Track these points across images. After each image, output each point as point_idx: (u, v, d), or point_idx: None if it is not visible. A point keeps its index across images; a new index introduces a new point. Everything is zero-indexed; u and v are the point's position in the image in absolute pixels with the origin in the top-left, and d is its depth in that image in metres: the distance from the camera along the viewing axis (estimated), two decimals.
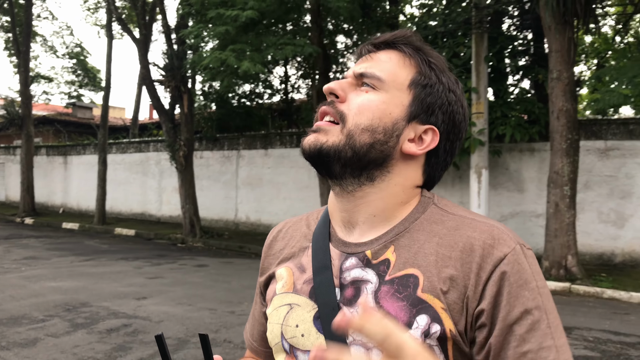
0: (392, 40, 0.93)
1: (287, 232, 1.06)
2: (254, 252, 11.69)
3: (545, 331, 0.78)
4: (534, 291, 0.79)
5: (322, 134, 0.89)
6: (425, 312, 0.80)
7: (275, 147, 14.24)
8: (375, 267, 0.87)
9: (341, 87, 0.91)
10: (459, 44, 10.81)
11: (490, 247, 0.81)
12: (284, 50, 9.68)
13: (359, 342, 0.84)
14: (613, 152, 10.32)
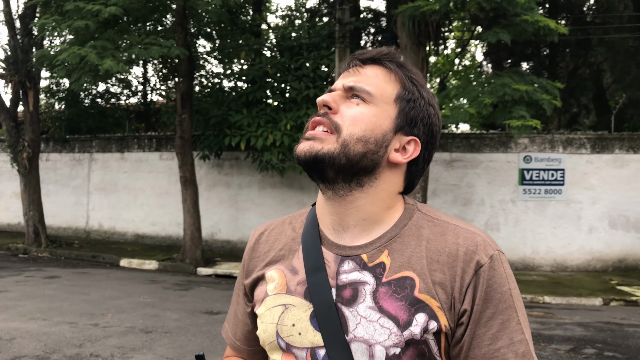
0: (378, 57, 1.01)
1: (270, 234, 1.10)
2: (109, 261, 11.04)
3: (515, 327, 0.91)
4: (506, 293, 0.91)
5: (317, 142, 0.95)
6: (423, 310, 0.90)
7: (133, 150, 13.57)
8: (371, 270, 0.94)
9: (334, 100, 0.97)
10: (323, 57, 11.22)
11: (473, 253, 0.92)
12: (149, 50, 9.29)
13: (360, 339, 0.91)
14: (457, 163, 11.40)
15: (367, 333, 0.90)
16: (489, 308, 0.90)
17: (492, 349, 0.89)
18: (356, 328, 0.91)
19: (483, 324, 0.90)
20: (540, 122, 9.16)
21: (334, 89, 1.00)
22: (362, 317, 0.91)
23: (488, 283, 0.90)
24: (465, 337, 0.91)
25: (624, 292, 8.84)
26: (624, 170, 10.93)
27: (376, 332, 0.90)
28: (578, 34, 13.06)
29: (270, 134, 10.41)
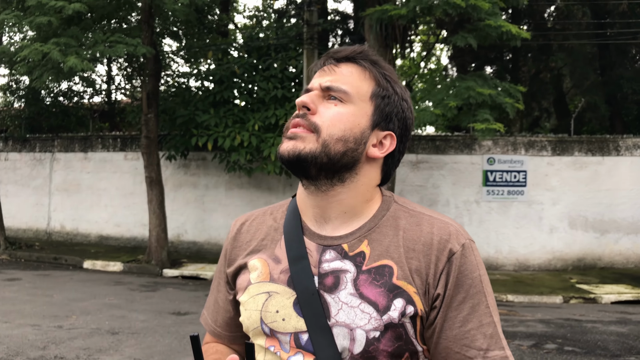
0: (352, 56, 1.04)
1: (251, 224, 1.13)
2: (72, 263, 10.80)
3: (484, 311, 0.97)
4: (477, 279, 0.97)
5: (299, 141, 0.98)
6: (400, 296, 0.95)
7: (97, 150, 13.31)
8: (352, 259, 0.99)
9: (312, 101, 1.01)
10: (291, 58, 11.23)
11: (446, 242, 0.97)
12: (115, 48, 9.14)
13: (342, 324, 0.95)
14: (423, 164, 11.58)
15: (348, 318, 0.95)
16: (460, 293, 0.96)
17: (462, 330, 0.95)
18: (338, 313, 0.95)
19: (454, 308, 0.96)
20: (503, 125, 9.39)
21: (311, 88, 1.03)
22: (344, 303, 0.95)
23: (460, 269, 0.96)
24: (437, 320, 0.96)
25: (583, 290, 9.12)
26: (582, 172, 11.29)
27: (357, 317, 0.94)
28: (539, 40, 13.43)
29: (237, 134, 10.37)
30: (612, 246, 11.26)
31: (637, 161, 11.35)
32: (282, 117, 10.43)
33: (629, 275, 10.42)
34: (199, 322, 6.41)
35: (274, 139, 10.26)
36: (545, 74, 15.71)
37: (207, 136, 10.63)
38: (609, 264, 11.23)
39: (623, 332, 6.58)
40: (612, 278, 10.12)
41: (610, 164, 11.33)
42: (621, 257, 11.27)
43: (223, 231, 12.19)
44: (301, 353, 0.97)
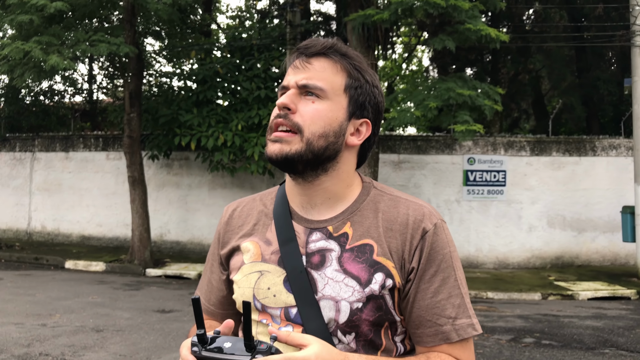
0: (323, 51, 1.10)
1: (242, 210, 1.23)
2: (54, 263, 10.73)
3: (453, 284, 1.08)
4: (447, 255, 1.08)
5: (285, 144, 1.06)
6: (380, 270, 1.05)
7: (78, 150, 13.22)
8: (336, 239, 1.09)
9: (291, 101, 1.07)
10: (274, 58, 11.30)
11: (420, 222, 1.08)
12: (97, 47, 9.12)
13: (328, 297, 1.05)
14: (404, 164, 11.72)
15: (333, 291, 1.05)
16: (432, 267, 1.06)
17: (433, 301, 1.06)
18: (324, 288, 1.05)
19: (427, 280, 1.06)
20: (483, 126, 9.56)
21: (288, 86, 1.10)
22: (329, 279, 1.06)
23: (432, 246, 1.07)
24: (411, 291, 1.07)
25: (560, 287, 9.32)
26: (560, 171, 11.53)
27: (342, 290, 1.04)
28: (518, 42, 13.68)
29: (221, 134, 10.40)
30: (589, 244, 11.51)
31: (612, 161, 11.62)
32: (265, 117, 10.49)
33: (605, 272, 10.67)
34: (184, 320, 6.45)
35: (258, 138, 10.32)
36: (524, 76, 16.00)
37: (190, 136, 10.64)
38: (586, 262, 11.48)
39: (598, 327, 6.77)
40: (589, 275, 10.35)
41: (587, 164, 11.58)
42: (598, 255, 11.52)
43: (206, 231, 12.20)
44: (291, 325, 1.06)
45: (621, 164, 11.56)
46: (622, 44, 11.25)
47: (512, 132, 14.92)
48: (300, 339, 0.89)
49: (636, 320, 7.20)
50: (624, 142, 11.66)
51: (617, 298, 8.83)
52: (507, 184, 11.47)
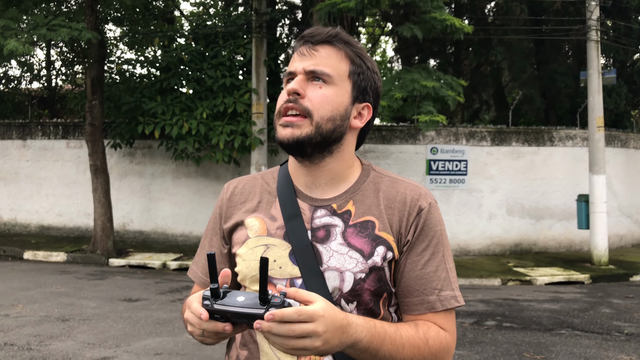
0: (329, 39, 1.17)
1: (244, 187, 1.29)
2: (11, 254, 10.45)
3: (441, 259, 1.17)
4: (438, 232, 1.18)
5: (295, 128, 1.13)
6: (382, 244, 1.14)
7: (36, 138, 12.86)
8: (340, 216, 1.17)
9: (300, 86, 1.14)
10: (239, 46, 11.21)
11: (417, 201, 1.18)
12: (58, 32, 8.88)
13: (333, 268, 1.12)
14: (369, 154, 11.84)
15: (338, 263, 1.12)
16: (423, 241, 1.16)
17: (422, 272, 1.15)
18: (329, 260, 1.12)
19: (418, 253, 1.15)
20: (446, 117, 9.76)
21: (294, 72, 1.16)
22: (334, 251, 1.13)
23: (425, 222, 1.16)
24: (402, 262, 1.16)
25: (519, 273, 9.64)
26: (519, 161, 11.87)
27: (346, 262, 1.12)
28: (480, 34, 13.95)
29: (185, 122, 10.29)
30: (546, 232, 11.91)
31: (569, 151, 12.03)
32: (231, 105, 10.43)
33: (561, 258, 11.07)
34: (152, 308, 6.41)
35: (223, 127, 10.26)
36: (485, 68, 16.33)
37: (154, 124, 10.49)
38: (543, 249, 11.89)
39: (555, 309, 7.05)
40: (546, 261, 10.73)
41: (545, 154, 11.96)
42: (554, 242, 11.94)
43: (170, 220, 12.08)
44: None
45: (577, 154, 11.98)
46: (579, 38, 11.61)
47: (473, 123, 15.24)
48: (307, 296, 0.94)
49: (590, 302, 7.53)
50: (579, 133, 12.08)
51: (572, 282, 9.20)
52: (469, 173, 11.74)
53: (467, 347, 5.28)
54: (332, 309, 0.94)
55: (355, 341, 0.99)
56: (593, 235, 10.26)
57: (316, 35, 1.16)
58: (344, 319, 0.96)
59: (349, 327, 0.97)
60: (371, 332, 1.02)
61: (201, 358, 4.72)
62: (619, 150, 12.70)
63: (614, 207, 12.28)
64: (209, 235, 1.30)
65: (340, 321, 0.95)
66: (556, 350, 5.22)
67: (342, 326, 0.96)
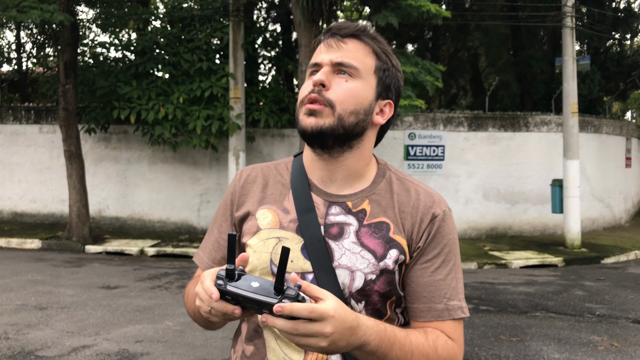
0: (357, 33, 1.15)
1: (257, 176, 1.27)
2: None
3: (452, 268, 1.16)
4: (451, 241, 1.17)
5: (319, 117, 1.11)
6: (395, 247, 1.13)
7: (7, 122, 12.57)
8: (355, 214, 1.16)
9: (327, 78, 1.12)
10: (216, 29, 11.07)
11: (430, 208, 1.17)
12: (28, 14, 8.65)
13: (344, 266, 1.11)
14: None
15: (350, 261, 1.11)
16: (435, 248, 1.15)
17: (431, 279, 1.14)
18: (341, 257, 1.11)
19: (429, 260, 1.15)
20: (424, 102, 9.80)
21: (320, 63, 1.14)
22: (347, 250, 1.12)
23: (438, 230, 1.16)
24: (412, 267, 1.15)
25: (495, 257, 9.81)
26: (496, 146, 12.02)
27: (357, 261, 1.11)
28: (458, 20, 13.99)
29: (162, 107, 10.16)
30: (521, 216, 12.12)
31: (544, 137, 12.21)
32: (208, 89, 10.32)
33: (536, 242, 11.29)
34: (131, 295, 6.37)
35: (200, 112, 10.16)
36: (463, 53, 16.42)
37: (130, 109, 10.34)
38: (518, 233, 12.10)
39: (530, 292, 7.20)
40: (521, 245, 10.93)
41: (520, 139, 12.12)
42: (529, 226, 12.17)
43: (147, 206, 11.97)
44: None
45: (552, 140, 12.18)
46: (554, 25, 11.74)
47: (450, 109, 15.34)
48: (319, 292, 0.92)
49: (563, 285, 7.71)
50: (554, 119, 12.26)
51: (546, 266, 9.40)
52: (446, 158, 11.85)
53: None
54: (343, 309, 0.93)
55: (363, 343, 0.98)
56: (566, 219, 10.48)
57: (344, 29, 1.15)
58: (354, 320, 0.95)
59: (359, 329, 0.96)
60: (380, 335, 1.01)
61: (182, 345, 4.72)
62: (592, 136, 12.94)
63: (586, 191, 12.54)
64: (219, 221, 1.28)
65: (350, 322, 0.94)
66: (531, 332, 5.34)
67: (352, 327, 0.94)
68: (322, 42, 1.18)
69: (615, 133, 13.70)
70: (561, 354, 4.73)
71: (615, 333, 5.37)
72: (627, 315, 6.07)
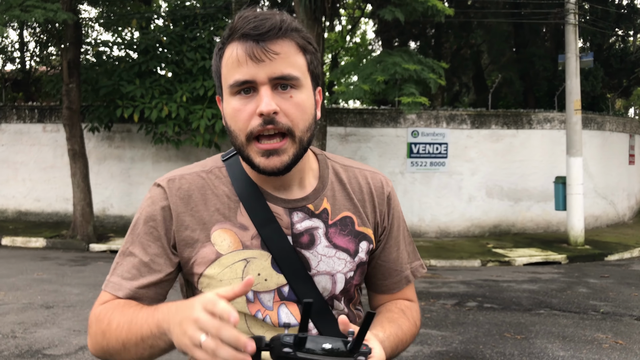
0: (281, 33, 0.99)
1: (191, 189, 1.09)
2: None
3: (405, 234, 1.26)
4: (400, 212, 1.25)
5: (283, 154, 1.01)
6: (364, 239, 1.17)
7: (11, 122, 12.60)
8: (319, 216, 1.12)
9: (273, 104, 0.98)
10: (219, 28, 11.08)
11: (382, 188, 1.21)
12: (32, 13, 8.67)
13: (323, 272, 1.11)
14: (351, 137, 11.87)
15: (328, 266, 1.11)
16: (395, 223, 1.22)
17: (398, 252, 1.22)
18: (318, 265, 1.10)
19: (393, 236, 1.22)
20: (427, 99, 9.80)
21: (255, 80, 0.98)
22: (322, 255, 1.11)
23: (393, 206, 1.22)
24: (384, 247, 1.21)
25: (498, 254, 9.82)
26: (499, 144, 12.01)
27: (335, 264, 1.12)
28: (460, 17, 13.98)
29: (165, 105, 10.18)
30: (524, 213, 12.12)
31: (547, 134, 12.21)
32: (211, 88, 10.33)
33: (539, 239, 11.30)
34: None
35: (203, 110, 10.17)
36: (465, 50, 16.40)
37: (133, 107, 10.36)
38: (521, 230, 12.11)
39: (534, 290, 7.21)
40: (524, 242, 10.94)
41: (523, 136, 12.12)
42: (532, 223, 12.17)
43: None
44: (284, 304, 1.08)
45: (555, 137, 12.17)
46: (557, 22, 11.72)
47: (453, 106, 15.34)
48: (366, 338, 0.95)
49: (567, 282, 7.72)
50: (557, 116, 12.25)
51: (550, 263, 9.40)
52: (449, 156, 11.85)
53: (450, 328, 5.39)
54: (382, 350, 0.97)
55: None
56: (570, 216, 10.48)
57: (265, 30, 0.97)
58: (385, 354, 1.00)
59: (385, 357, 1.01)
60: (391, 345, 1.08)
61: None
62: (595, 133, 12.92)
63: (589, 188, 12.53)
64: (142, 240, 1.08)
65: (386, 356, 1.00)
66: (535, 330, 5.35)
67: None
68: (236, 49, 0.99)
69: (619, 130, 13.69)
70: (566, 351, 4.74)
71: (620, 330, 5.38)
72: (632, 312, 6.08)
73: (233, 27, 1.00)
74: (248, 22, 0.98)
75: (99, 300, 1.08)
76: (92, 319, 1.06)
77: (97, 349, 1.04)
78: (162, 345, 0.93)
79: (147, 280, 1.06)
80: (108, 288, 1.07)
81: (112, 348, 1.00)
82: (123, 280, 1.06)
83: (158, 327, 0.91)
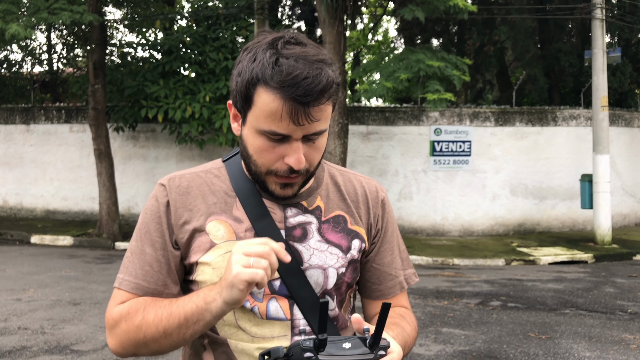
0: (324, 99, 1.01)
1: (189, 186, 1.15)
2: (19, 238, 10.54)
3: (399, 241, 1.30)
4: (394, 218, 1.30)
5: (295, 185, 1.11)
6: (356, 237, 1.20)
7: (40, 122, 12.87)
8: (312, 212, 1.17)
9: (304, 160, 1.05)
10: (241, 28, 11.16)
11: (376, 193, 1.26)
12: (59, 15, 8.83)
13: (315, 266, 1.14)
14: (373, 135, 11.84)
15: (320, 260, 1.14)
16: (389, 229, 1.27)
17: (392, 257, 1.26)
18: (310, 258, 1.13)
19: (387, 241, 1.26)
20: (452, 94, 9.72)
21: (291, 136, 1.02)
22: (315, 249, 1.14)
23: (386, 211, 1.27)
24: (375, 251, 1.24)
25: (523, 253, 9.70)
26: (523, 141, 11.86)
27: (327, 259, 1.15)
28: (484, 14, 13.83)
29: (188, 105, 10.28)
30: (549, 212, 11.95)
31: (572, 131, 12.01)
32: None
33: (564, 238, 11.13)
34: None
35: (226, 110, 10.25)
36: (489, 47, 16.21)
37: (157, 108, 10.49)
38: (546, 228, 11.94)
39: (559, 289, 7.12)
40: (550, 241, 10.79)
41: (548, 134, 11.94)
42: (557, 221, 11.99)
43: None
44: (275, 297, 1.10)
45: (581, 134, 11.97)
46: (583, 17, 11.52)
47: (477, 103, 15.19)
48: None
49: (593, 282, 7.60)
50: (583, 113, 12.05)
51: (576, 262, 9.26)
52: (472, 154, 11.74)
53: (473, 327, 5.35)
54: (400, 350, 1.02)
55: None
56: (596, 214, 10.30)
57: (311, 95, 0.98)
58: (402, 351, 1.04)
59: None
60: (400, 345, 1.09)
61: None
62: (622, 130, 12.68)
63: (617, 186, 12.30)
64: (151, 237, 1.12)
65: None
66: (561, 330, 5.28)
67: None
68: (281, 105, 0.99)
69: None
70: (592, 352, 4.67)
71: None
72: None
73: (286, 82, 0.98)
74: (297, 86, 0.97)
75: (115, 300, 1.11)
76: (116, 318, 1.07)
77: (126, 345, 1.07)
78: (208, 317, 0.99)
79: (162, 277, 1.11)
80: (123, 286, 1.10)
81: (150, 339, 1.04)
82: (135, 279, 1.10)
83: (204, 299, 0.99)
